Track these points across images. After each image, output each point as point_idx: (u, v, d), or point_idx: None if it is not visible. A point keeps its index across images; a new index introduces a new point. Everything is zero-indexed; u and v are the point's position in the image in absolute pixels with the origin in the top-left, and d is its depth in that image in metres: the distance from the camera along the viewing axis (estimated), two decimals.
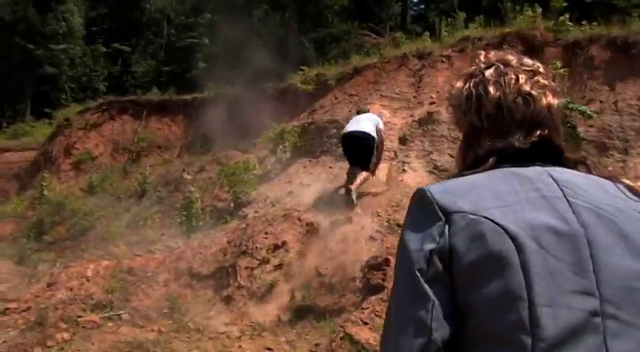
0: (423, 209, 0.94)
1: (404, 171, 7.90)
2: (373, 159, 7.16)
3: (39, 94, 29.14)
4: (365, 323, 4.99)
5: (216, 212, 9.15)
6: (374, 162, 7.26)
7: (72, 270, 6.95)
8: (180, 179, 10.78)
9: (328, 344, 4.99)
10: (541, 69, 1.11)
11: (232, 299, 6.28)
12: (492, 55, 1.14)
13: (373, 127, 7.18)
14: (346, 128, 7.38)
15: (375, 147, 7.14)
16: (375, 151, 7.15)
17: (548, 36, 8.93)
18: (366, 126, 7.15)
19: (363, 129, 7.12)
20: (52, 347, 5.27)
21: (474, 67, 1.14)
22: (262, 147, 10.32)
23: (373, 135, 7.11)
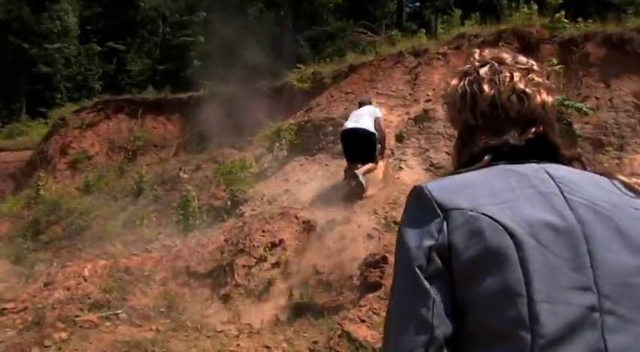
0: (421, 206, 0.94)
1: (400, 168, 7.90)
2: (376, 152, 7.24)
3: (34, 94, 29.06)
4: (363, 321, 5.00)
5: (213, 210, 9.14)
6: (379, 151, 7.39)
7: (69, 270, 6.94)
8: (177, 178, 10.76)
9: (326, 342, 4.99)
10: (535, 67, 1.12)
11: (230, 298, 6.28)
12: (487, 53, 1.15)
13: (372, 122, 7.23)
14: (345, 124, 7.42)
15: (376, 142, 7.21)
16: (376, 145, 7.22)
17: (543, 33, 8.94)
18: (366, 122, 7.20)
19: (362, 126, 7.17)
20: (49, 346, 5.27)
21: (468, 65, 1.15)
22: (259, 146, 10.30)
23: (373, 130, 7.17)
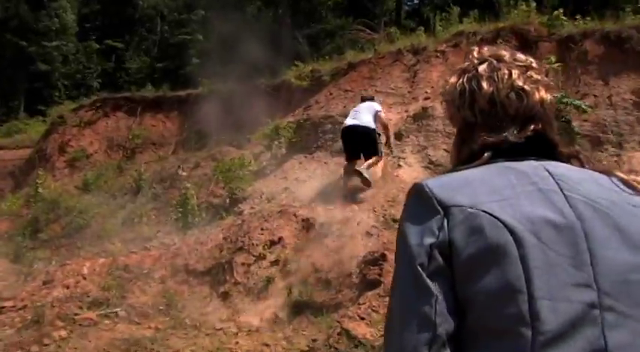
0: (421, 203, 0.94)
1: (399, 166, 7.91)
2: (379, 146, 7.26)
3: (32, 91, 29.00)
4: (362, 319, 5.00)
5: (211, 208, 9.14)
6: (386, 142, 7.46)
7: (68, 268, 6.94)
8: (176, 175, 10.76)
9: (325, 340, 5.00)
10: (534, 64, 1.12)
11: (229, 296, 6.28)
12: (486, 50, 1.15)
13: (372, 118, 7.25)
14: (345, 122, 7.45)
15: (376, 137, 7.22)
16: (377, 140, 7.24)
17: (542, 31, 8.95)
18: (365, 118, 7.23)
19: (361, 122, 7.20)
20: (49, 344, 5.28)
21: (467, 63, 1.15)
22: (257, 143, 10.30)
23: (372, 126, 7.20)
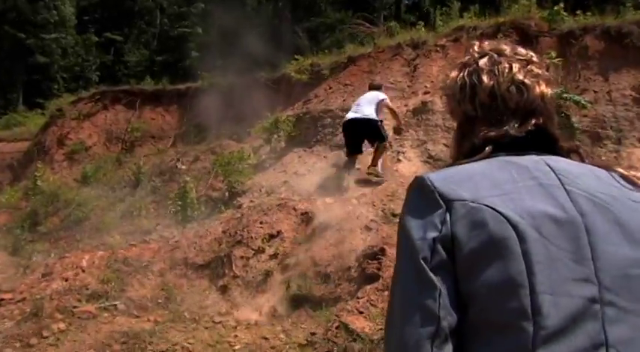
0: (423, 197, 0.94)
1: (399, 160, 7.92)
2: (382, 131, 7.29)
3: (31, 84, 28.93)
4: (360, 313, 5.01)
5: (211, 201, 9.15)
6: (397, 125, 7.69)
7: (67, 261, 6.94)
8: (175, 169, 10.76)
9: (324, 333, 5.00)
10: (534, 58, 1.12)
11: (228, 289, 6.30)
12: (486, 44, 1.15)
13: (373, 109, 7.28)
14: (347, 115, 7.51)
15: (378, 126, 7.26)
16: (380, 128, 7.28)
17: (542, 25, 8.93)
18: (365, 109, 7.28)
19: (361, 114, 7.26)
20: (48, 337, 5.29)
21: (468, 57, 1.15)
22: (257, 137, 10.30)
23: (373, 117, 7.23)
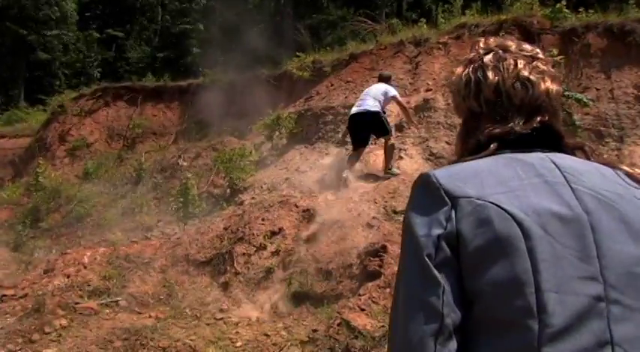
0: (429, 194, 0.93)
1: (400, 158, 7.91)
2: (387, 125, 7.33)
3: (32, 80, 28.90)
4: (362, 310, 5.01)
5: (212, 198, 9.16)
6: (407, 116, 7.79)
7: (68, 257, 6.94)
8: (176, 165, 10.77)
9: (325, 330, 5.01)
10: (540, 54, 1.11)
11: (229, 286, 6.30)
12: (492, 40, 1.15)
13: (377, 102, 7.32)
14: (352, 110, 7.56)
15: (382, 118, 7.29)
16: (384, 121, 7.31)
17: (544, 23, 8.91)
18: (369, 103, 7.31)
19: (365, 108, 7.30)
20: (50, 333, 5.30)
21: (473, 53, 1.14)
22: (258, 134, 10.30)
23: (376, 109, 7.27)
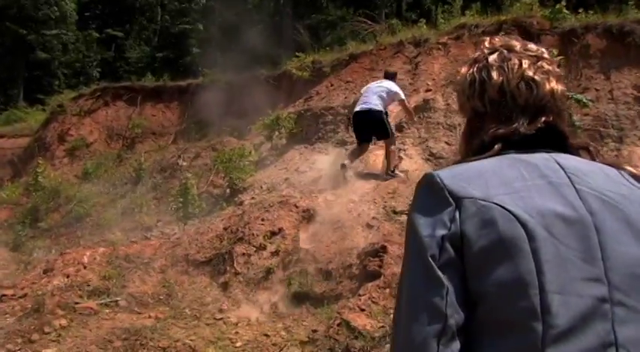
0: (433, 194, 0.93)
1: (400, 158, 7.91)
2: (388, 127, 7.32)
3: (31, 80, 28.85)
4: (362, 310, 5.01)
5: (212, 198, 9.15)
6: (408, 111, 7.80)
7: (68, 257, 6.93)
8: (176, 165, 10.77)
9: (325, 331, 5.01)
10: (545, 54, 1.11)
11: (229, 286, 6.29)
12: (497, 40, 1.14)
13: (380, 101, 7.31)
14: (355, 108, 7.55)
15: (383, 118, 7.29)
16: (385, 121, 7.30)
17: (544, 24, 8.92)
18: (372, 101, 7.32)
19: (368, 106, 7.30)
20: (49, 333, 5.29)
21: (478, 53, 1.14)
22: (258, 134, 10.30)
23: (379, 108, 7.27)
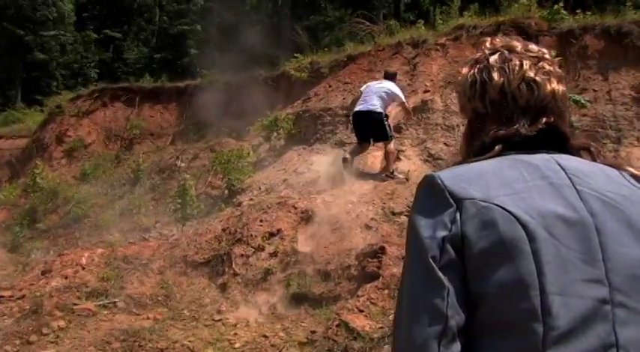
0: (433, 196, 0.93)
1: (398, 159, 7.91)
2: (387, 130, 7.33)
3: (29, 81, 28.79)
4: (361, 311, 5.02)
5: (210, 199, 9.14)
6: (405, 109, 7.78)
7: (66, 258, 6.92)
8: (174, 166, 10.75)
9: (324, 332, 5.01)
10: (546, 55, 1.10)
11: (228, 287, 6.29)
12: (498, 41, 1.14)
13: (380, 102, 7.31)
14: (355, 108, 7.56)
15: (382, 120, 7.29)
16: (385, 123, 7.30)
17: (542, 24, 8.93)
18: (373, 102, 7.32)
19: (368, 107, 7.31)
20: (47, 334, 5.29)
21: (479, 53, 1.14)
22: (256, 135, 10.29)
23: (378, 109, 7.27)
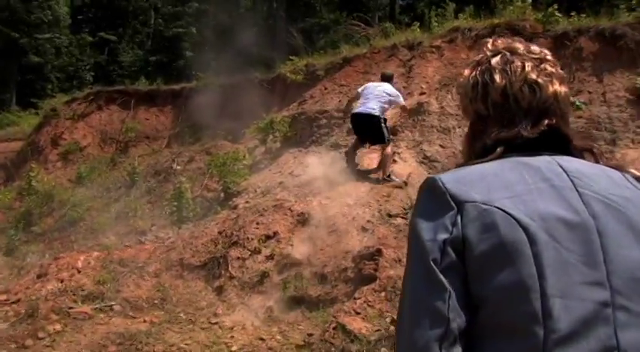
0: (435, 198, 0.93)
1: (394, 161, 7.91)
2: (384, 133, 7.35)
3: (24, 84, 28.70)
4: (357, 313, 5.01)
5: (206, 202, 9.12)
6: (403, 107, 7.87)
7: (62, 261, 6.89)
8: (170, 169, 10.72)
9: (321, 334, 5.00)
10: (548, 56, 1.10)
11: (224, 290, 6.27)
12: (500, 42, 1.14)
13: (379, 105, 7.33)
14: (354, 109, 7.60)
15: (380, 122, 7.31)
16: (382, 126, 7.33)
17: (537, 27, 8.96)
18: (372, 104, 7.33)
19: (366, 110, 7.33)
20: (43, 338, 5.25)
21: (481, 55, 1.14)
22: (252, 138, 10.28)
23: (376, 113, 7.29)
